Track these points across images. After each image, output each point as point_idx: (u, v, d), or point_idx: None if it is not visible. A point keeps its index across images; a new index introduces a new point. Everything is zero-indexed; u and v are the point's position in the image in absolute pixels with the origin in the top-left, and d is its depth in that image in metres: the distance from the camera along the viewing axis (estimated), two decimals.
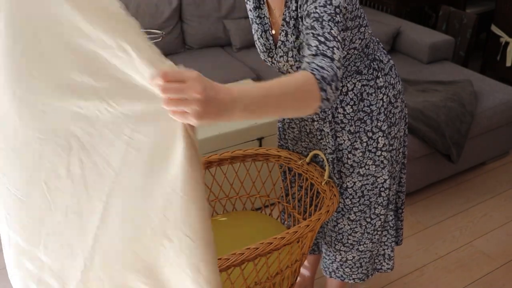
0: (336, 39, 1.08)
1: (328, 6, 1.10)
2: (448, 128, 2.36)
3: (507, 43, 3.43)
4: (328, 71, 1.02)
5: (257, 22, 1.36)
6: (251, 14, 1.38)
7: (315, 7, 1.11)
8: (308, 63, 1.04)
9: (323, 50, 1.06)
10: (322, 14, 1.10)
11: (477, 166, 2.80)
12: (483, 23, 3.64)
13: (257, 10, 1.35)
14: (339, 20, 1.11)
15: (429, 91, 2.63)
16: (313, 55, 1.05)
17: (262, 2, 1.33)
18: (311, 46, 1.07)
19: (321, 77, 1.00)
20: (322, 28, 1.09)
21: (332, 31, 1.08)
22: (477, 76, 2.85)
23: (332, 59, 1.04)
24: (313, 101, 0.99)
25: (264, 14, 1.34)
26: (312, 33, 1.09)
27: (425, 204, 2.52)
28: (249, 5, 1.37)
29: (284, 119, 1.58)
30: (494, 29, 3.49)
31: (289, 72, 1.35)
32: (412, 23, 3.30)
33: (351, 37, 1.26)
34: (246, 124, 2.20)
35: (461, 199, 2.56)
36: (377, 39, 1.44)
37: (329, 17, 1.10)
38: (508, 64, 3.45)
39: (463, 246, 2.25)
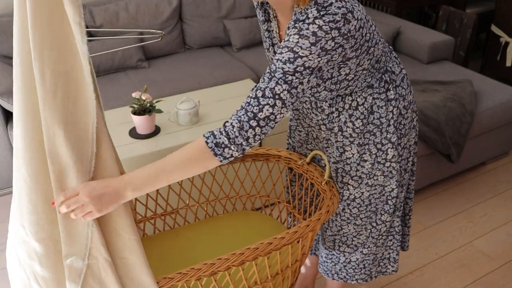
0: (277, 97, 1.09)
1: (288, 64, 1.08)
2: (448, 128, 2.36)
3: (507, 43, 3.43)
4: (229, 131, 1.11)
5: (266, 35, 1.33)
6: (260, 25, 1.35)
7: (277, 59, 1.10)
8: (227, 121, 1.13)
9: (249, 105, 1.11)
10: (277, 68, 1.09)
11: (477, 166, 2.80)
12: (483, 23, 3.64)
13: (266, 23, 1.32)
14: (293, 79, 1.09)
15: (429, 91, 2.63)
16: (241, 107, 1.12)
17: (271, 17, 1.30)
18: (248, 97, 1.12)
19: (214, 145, 1.11)
20: (268, 82, 1.10)
21: (276, 88, 1.09)
22: (477, 76, 2.85)
23: (253, 117, 1.10)
24: (211, 163, 1.14)
25: (273, 28, 1.31)
26: (257, 84, 1.12)
27: (425, 204, 2.52)
28: (259, 17, 1.34)
29: (291, 120, 1.56)
30: (494, 29, 3.49)
31: None
32: (412, 23, 3.30)
33: (357, 62, 1.19)
34: None
35: (461, 199, 2.56)
36: (390, 47, 1.38)
37: (281, 75, 1.09)
38: (508, 64, 3.45)
39: (463, 246, 2.25)
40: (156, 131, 2.12)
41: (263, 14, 1.31)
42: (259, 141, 1.15)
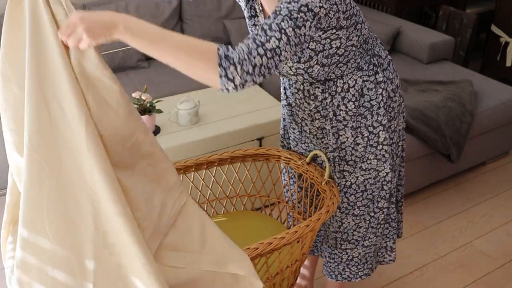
0: (283, 32, 1.06)
1: (292, 3, 1.09)
2: (448, 128, 2.36)
3: (507, 43, 3.43)
4: (240, 53, 1.04)
5: (253, 30, 1.37)
6: (247, 21, 1.40)
7: (281, 3, 1.10)
8: (235, 46, 1.07)
9: (256, 35, 1.06)
10: (282, 8, 1.09)
11: (477, 166, 2.79)
12: (483, 23, 3.64)
13: (253, 18, 1.37)
14: (298, 17, 1.08)
15: (429, 91, 2.63)
16: (247, 38, 1.07)
17: (258, 11, 1.35)
18: (254, 30, 1.07)
19: (224, 55, 1.04)
20: (274, 18, 1.08)
21: (282, 23, 1.07)
22: (477, 76, 2.85)
23: (261, 45, 1.05)
24: (209, 72, 1.04)
25: (260, 21, 1.35)
26: (263, 21, 1.08)
27: (425, 204, 2.52)
28: (246, 14, 1.39)
29: (285, 119, 1.58)
30: (494, 29, 3.49)
31: (289, 74, 1.36)
32: (412, 23, 3.30)
33: (347, 35, 1.25)
34: (246, 124, 2.20)
35: (461, 199, 2.56)
36: (375, 35, 1.44)
37: (287, 12, 1.08)
38: (508, 64, 3.45)
39: (463, 246, 2.25)
40: (156, 131, 2.12)
41: (249, 10, 1.36)
42: (261, 79, 1.08)
